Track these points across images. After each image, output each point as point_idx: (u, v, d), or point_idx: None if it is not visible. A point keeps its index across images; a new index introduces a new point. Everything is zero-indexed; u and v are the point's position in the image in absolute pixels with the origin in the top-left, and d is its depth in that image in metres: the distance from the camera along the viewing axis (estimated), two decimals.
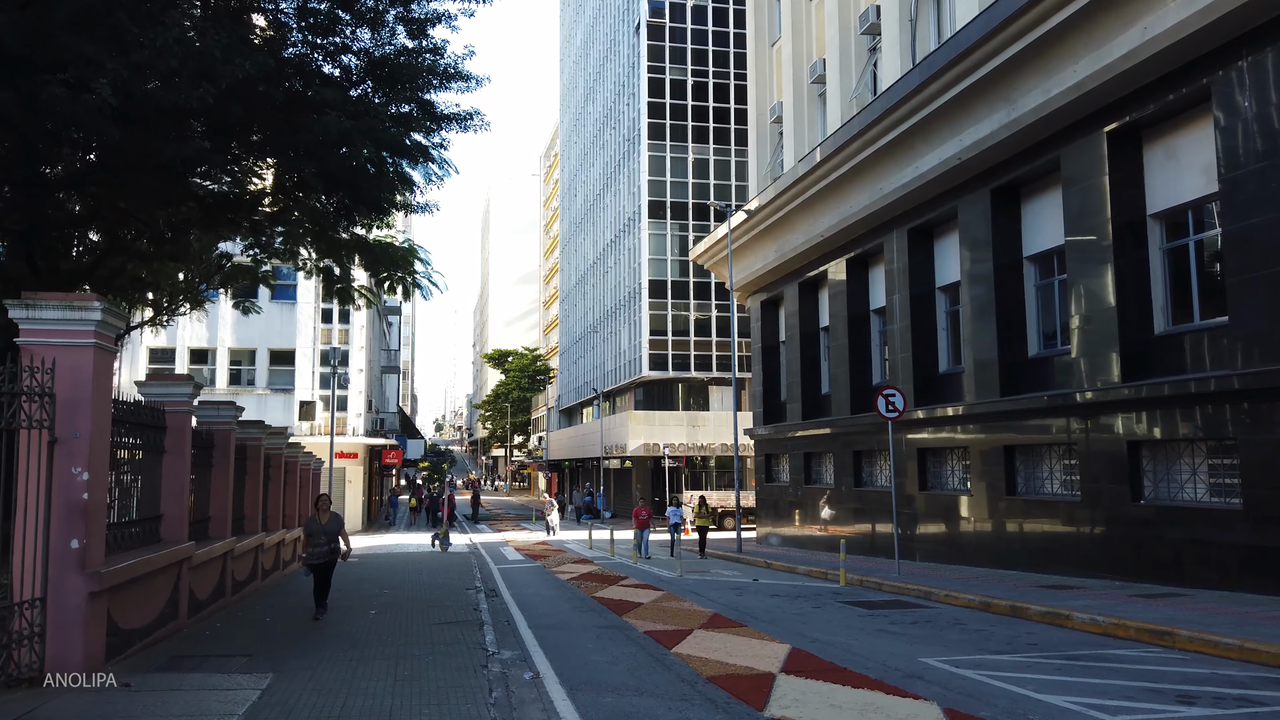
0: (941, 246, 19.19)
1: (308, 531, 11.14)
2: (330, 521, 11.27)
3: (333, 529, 11.23)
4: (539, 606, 13.25)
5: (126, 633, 8.45)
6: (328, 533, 11.16)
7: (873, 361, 22.04)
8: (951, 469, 18.38)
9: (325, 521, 11.21)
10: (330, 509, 11.54)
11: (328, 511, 11.40)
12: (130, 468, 9.58)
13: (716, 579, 17.20)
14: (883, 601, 13.14)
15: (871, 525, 20.82)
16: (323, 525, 11.15)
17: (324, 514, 11.35)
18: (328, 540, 11.15)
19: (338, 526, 11.33)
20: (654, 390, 45.98)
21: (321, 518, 11.26)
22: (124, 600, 8.33)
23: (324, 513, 11.37)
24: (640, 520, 21.80)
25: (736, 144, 44.87)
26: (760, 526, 27.32)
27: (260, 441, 16.71)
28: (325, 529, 11.15)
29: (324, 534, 11.12)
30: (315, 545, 11.08)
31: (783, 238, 24.38)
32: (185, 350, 33.96)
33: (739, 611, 12.21)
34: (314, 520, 11.22)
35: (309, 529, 11.14)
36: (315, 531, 11.10)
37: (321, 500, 11.73)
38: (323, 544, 11.11)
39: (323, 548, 11.11)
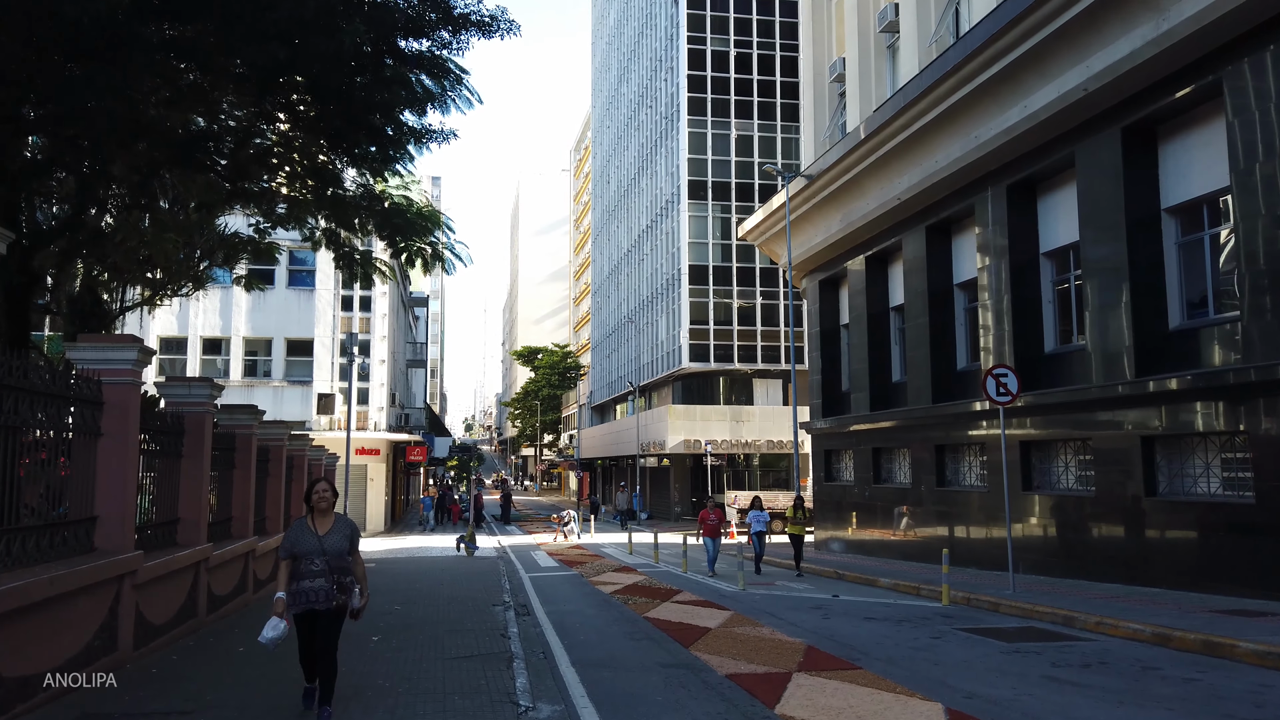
0: (1050, 204, 16.33)
1: (293, 549, 5.89)
2: (335, 532, 5.98)
3: (339, 546, 5.91)
4: (581, 631, 10.68)
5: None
6: (331, 553, 5.86)
7: (957, 343, 19.21)
8: (1065, 465, 15.51)
9: (325, 531, 5.96)
10: (334, 508, 6.18)
11: (330, 513, 6.10)
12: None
13: (787, 593, 14.53)
14: (1015, 630, 10.38)
15: (962, 530, 17.98)
16: (321, 537, 5.91)
17: (323, 517, 6.04)
18: (330, 567, 5.85)
19: (346, 542, 5.98)
20: (693, 384, 43.28)
21: (318, 524, 5.99)
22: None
23: (323, 515, 6.05)
24: (709, 526, 17.84)
25: (783, 119, 42.01)
26: (819, 530, 24.54)
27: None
28: (326, 545, 5.88)
29: (323, 555, 5.83)
30: (307, 576, 5.81)
31: (849, 205, 21.60)
32: (198, 339, 31.97)
33: (838, 643, 9.54)
34: (304, 528, 5.96)
35: (296, 543, 5.91)
36: (309, 549, 5.83)
37: (318, 491, 6.11)
38: (321, 573, 5.81)
39: (320, 581, 5.80)
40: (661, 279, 45.45)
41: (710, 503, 18.48)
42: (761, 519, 18.06)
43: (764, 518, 18.11)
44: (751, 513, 18.22)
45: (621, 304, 55.84)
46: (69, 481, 7.67)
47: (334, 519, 6.10)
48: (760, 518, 18.05)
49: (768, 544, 18.86)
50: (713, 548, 17.56)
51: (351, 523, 6.20)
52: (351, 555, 6.04)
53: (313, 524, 6.02)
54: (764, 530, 18.03)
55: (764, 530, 18.03)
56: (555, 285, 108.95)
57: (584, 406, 69.76)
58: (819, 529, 24.41)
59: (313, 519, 6.05)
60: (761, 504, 18.46)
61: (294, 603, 5.85)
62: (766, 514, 18.40)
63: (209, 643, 9.22)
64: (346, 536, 6.03)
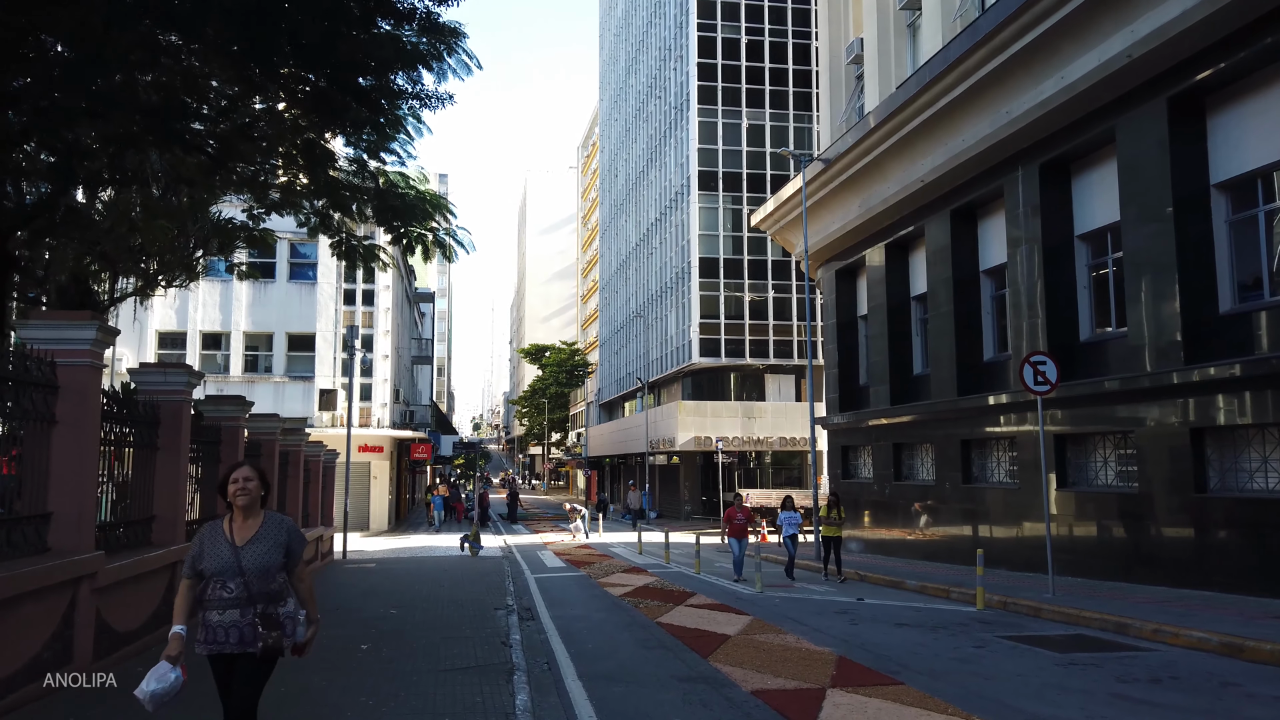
0: (1085, 184, 15.40)
1: (197, 564, 4.08)
2: (261, 540, 4.12)
3: (265, 561, 4.07)
4: (589, 637, 9.84)
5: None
6: (253, 571, 4.04)
7: (984, 333, 18.27)
8: (1104, 461, 14.58)
9: (247, 539, 4.10)
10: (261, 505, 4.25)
11: (257, 513, 4.21)
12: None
13: (808, 596, 13.65)
14: (1064, 639, 9.49)
15: (990, 529, 17.06)
16: (239, 548, 4.06)
17: (246, 519, 4.17)
18: (252, 593, 4.03)
19: (278, 555, 4.13)
20: (703, 380, 42.37)
21: (238, 528, 4.15)
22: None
23: (246, 516, 4.17)
24: (735, 526, 16.16)
25: (796, 108, 41.05)
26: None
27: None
28: (246, 560, 4.04)
29: (240, 575, 4.02)
30: (217, 605, 4.02)
31: (868, 189, 20.69)
32: (197, 334, 31.26)
33: (872, 653, 8.67)
34: (215, 534, 4.12)
35: (201, 557, 4.09)
36: (220, 567, 4.03)
37: (236, 481, 4.15)
38: (236, 601, 4.00)
39: (235, 614, 4.00)
40: (671, 272, 44.56)
41: (737, 500, 17.00)
42: (794, 520, 16.51)
43: (796, 519, 16.56)
44: (783, 514, 16.68)
45: (630, 299, 54.99)
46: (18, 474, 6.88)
47: (262, 521, 4.15)
48: (792, 519, 16.50)
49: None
50: (739, 550, 16.07)
51: (289, 525, 4.24)
52: (290, 571, 4.20)
53: (229, 529, 4.11)
54: (796, 532, 16.49)
55: (796, 532, 16.49)
56: (563, 283, 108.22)
57: (592, 404, 68.94)
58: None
59: (230, 521, 4.15)
60: (794, 504, 16.93)
61: (200, 643, 4.01)
62: (799, 514, 16.77)
63: None
64: (279, 546, 4.10)
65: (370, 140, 13.11)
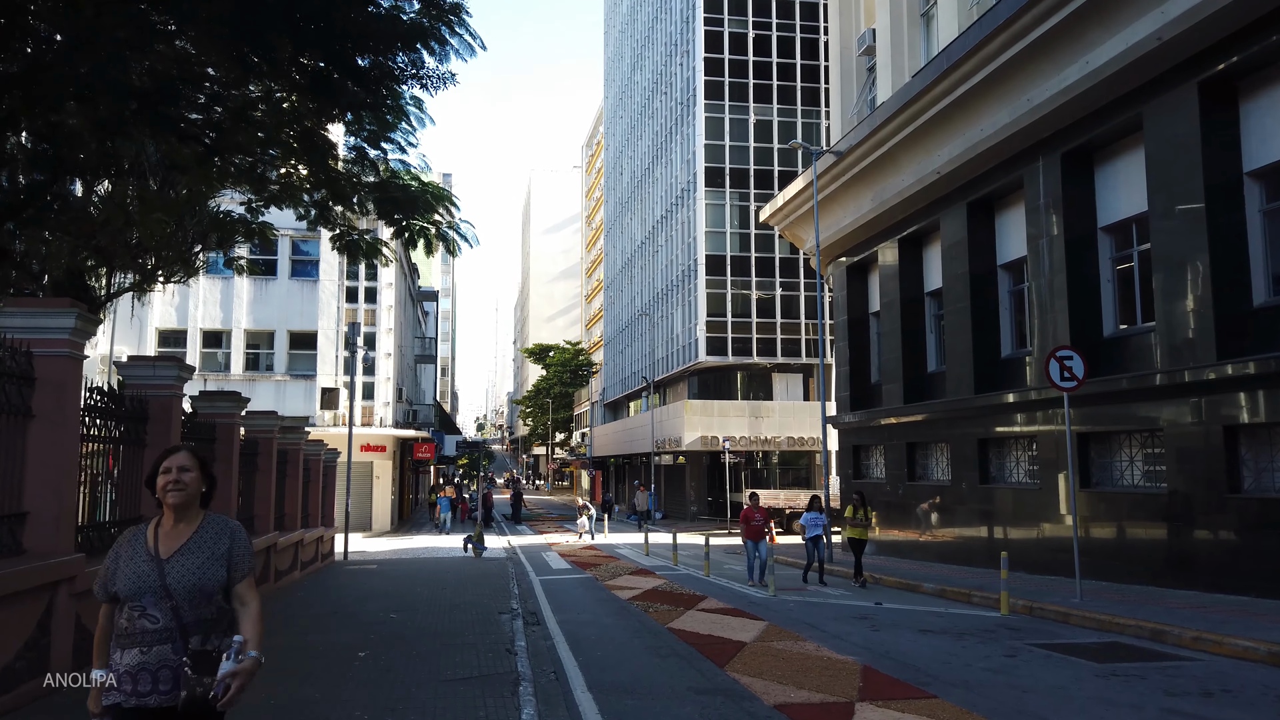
0: (1109, 174, 14.89)
1: (110, 584, 2.98)
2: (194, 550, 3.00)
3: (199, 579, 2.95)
4: (599, 645, 9.37)
5: None
6: (182, 592, 2.92)
7: (1001, 329, 17.77)
8: (1129, 460, 14.08)
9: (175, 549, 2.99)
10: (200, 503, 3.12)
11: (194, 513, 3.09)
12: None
13: (824, 600, 13.17)
14: (1099, 647, 9.00)
15: (1008, 531, 16.55)
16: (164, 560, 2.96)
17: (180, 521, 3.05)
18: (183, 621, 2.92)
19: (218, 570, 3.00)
20: (710, 379, 41.87)
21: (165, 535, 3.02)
22: None
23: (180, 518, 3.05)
24: (752, 527, 15.28)
25: (804, 103, 40.52)
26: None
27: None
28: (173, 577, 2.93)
29: (167, 596, 2.91)
30: (136, 640, 2.90)
31: (882, 182, 20.19)
32: (197, 332, 30.87)
33: (898, 662, 8.19)
34: (135, 543, 3.02)
35: (115, 575, 2.98)
36: (137, 587, 2.92)
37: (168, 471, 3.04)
38: (160, 634, 2.90)
39: (158, 651, 2.88)
40: (677, 270, 44.07)
41: (754, 500, 15.98)
42: (818, 521, 15.58)
43: (821, 520, 15.63)
44: (807, 514, 15.76)
45: (635, 298, 54.51)
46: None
47: (199, 526, 3.05)
48: (817, 520, 15.58)
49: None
50: (755, 554, 15.12)
51: (233, 530, 3.11)
52: (235, 590, 3.05)
53: (154, 537, 3.00)
54: (821, 534, 15.54)
55: (821, 534, 15.54)
56: (567, 283, 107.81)
57: (596, 404, 68.52)
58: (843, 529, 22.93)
59: (157, 527, 3.03)
60: (820, 504, 15.95)
61: (112, 692, 2.89)
62: (824, 516, 15.83)
63: None
64: (218, 558, 2.99)
65: (371, 130, 12.68)
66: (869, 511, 15.30)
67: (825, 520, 15.66)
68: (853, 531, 15.17)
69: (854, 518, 15.11)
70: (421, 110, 12.38)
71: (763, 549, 15.16)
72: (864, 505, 15.32)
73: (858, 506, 15.24)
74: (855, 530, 15.14)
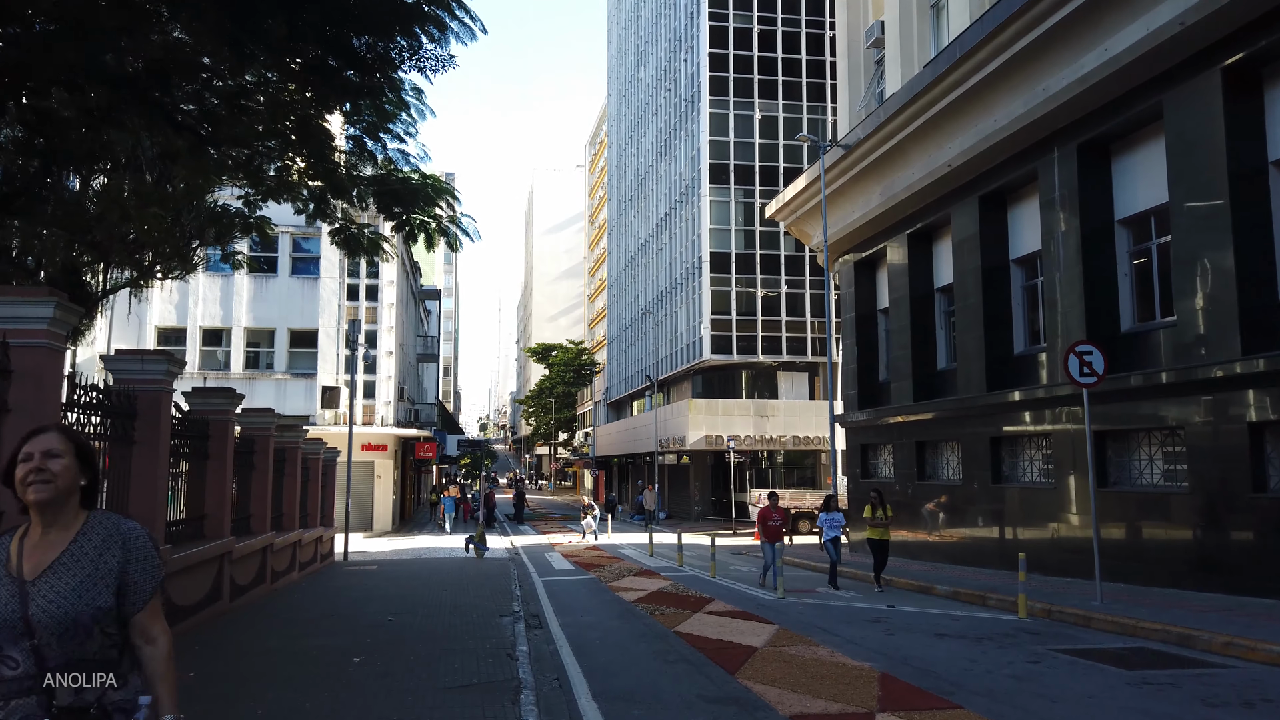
0: (1127, 165, 14.51)
1: None
2: (69, 566, 2.18)
3: (75, 604, 2.14)
4: (603, 649, 9.02)
5: None
6: (48, 626, 2.11)
7: (1014, 325, 17.39)
8: (1148, 458, 13.70)
9: (44, 565, 2.18)
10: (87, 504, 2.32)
11: (72, 515, 2.27)
12: None
13: (833, 603, 12.80)
14: (1125, 653, 8.63)
15: (1021, 531, 16.18)
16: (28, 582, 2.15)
17: (50, 526, 2.23)
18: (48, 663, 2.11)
19: (101, 593, 2.18)
20: (714, 378, 41.50)
21: (31, 548, 2.21)
22: None
23: (51, 523, 2.23)
24: (770, 528, 14.55)
25: (809, 99, 40.13)
26: (854, 531, 22.74)
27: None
28: (38, 606, 2.12)
29: (28, 635, 2.10)
30: None
31: (891, 176, 19.82)
32: (197, 330, 30.58)
33: (916, 669, 7.83)
34: None
35: None
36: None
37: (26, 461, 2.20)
38: (23, 679, 2.10)
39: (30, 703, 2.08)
40: (681, 268, 43.70)
41: (772, 499, 15.12)
42: (836, 522, 14.80)
43: (839, 520, 14.88)
44: (824, 515, 14.99)
45: (639, 296, 54.15)
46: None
47: (79, 531, 2.27)
48: (835, 520, 14.80)
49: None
50: (773, 555, 14.23)
51: (130, 535, 2.30)
52: (134, 622, 2.28)
53: (16, 552, 2.22)
54: (839, 535, 14.79)
55: (839, 535, 14.79)
56: (570, 282, 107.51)
57: (599, 403, 68.18)
58: (854, 529, 22.60)
59: (22, 537, 2.25)
60: (835, 504, 15.20)
61: None
62: (841, 516, 15.06)
63: None
64: (104, 578, 2.21)
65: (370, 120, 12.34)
66: (888, 510, 14.29)
67: (843, 520, 14.96)
68: (872, 532, 14.21)
69: (873, 517, 14.17)
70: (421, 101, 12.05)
71: (779, 550, 14.50)
72: (882, 504, 14.29)
73: (876, 505, 14.22)
74: (875, 531, 14.17)
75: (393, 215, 14.36)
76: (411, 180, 14.34)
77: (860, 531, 14.87)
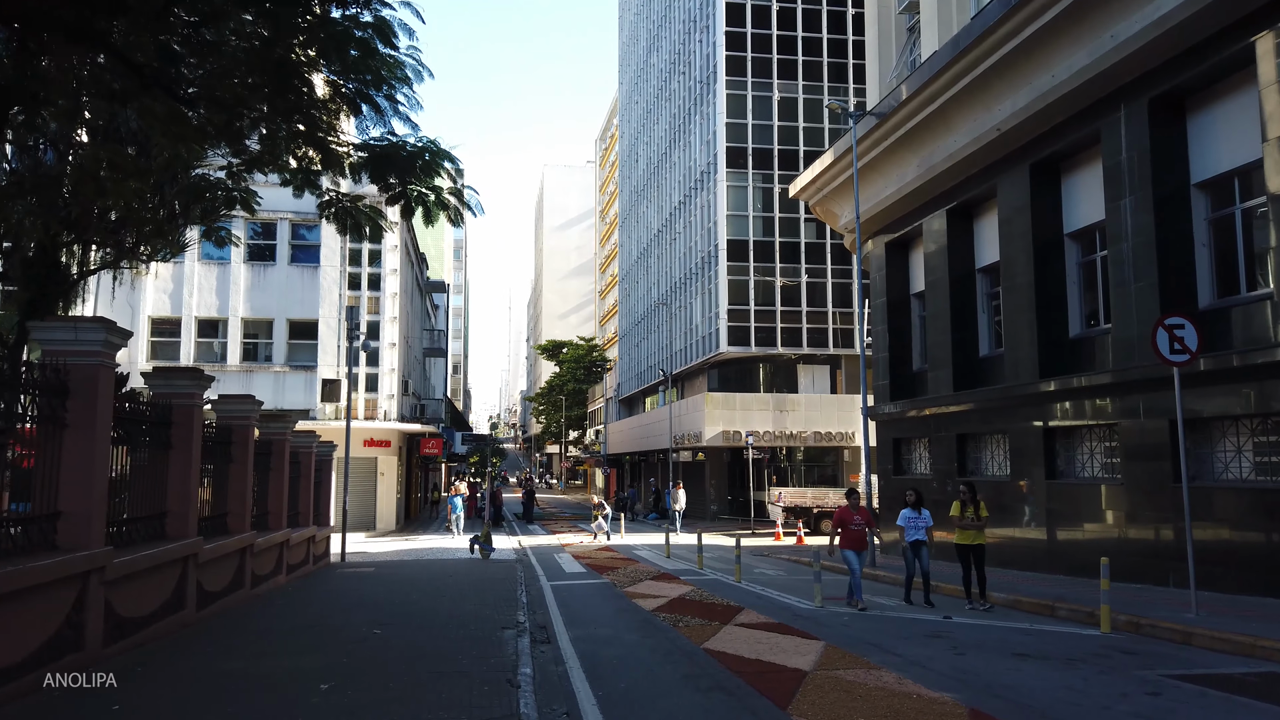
0: (1204, 123, 12.93)
1: None
2: None
3: None
4: (622, 672, 7.56)
5: None
6: None
7: (1069, 305, 15.83)
8: (1237, 450, 12.12)
9: None
10: None
11: None
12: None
13: (881, 613, 11.28)
14: (1254, 679, 7.11)
15: (1080, 531, 14.61)
16: None
17: None
18: None
19: None
20: (731, 371, 39.95)
21: None
22: None
23: None
24: (850, 533, 11.68)
25: (831, 80, 38.45)
26: (885, 531, 21.17)
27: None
28: None
29: None
30: None
31: (929, 145, 18.27)
32: (192, 320, 29.30)
33: (1013, 703, 6.33)
34: None
35: None
36: None
37: None
38: None
39: None
40: (696, 257, 42.14)
41: (853, 498, 12.10)
42: (920, 523, 11.87)
43: (927, 520, 11.90)
44: (905, 513, 11.97)
45: (651, 288, 52.63)
46: None
47: None
48: (918, 521, 11.86)
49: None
50: (858, 565, 11.63)
51: None
52: None
53: None
54: (924, 539, 11.86)
55: (924, 539, 11.86)
56: (580, 279, 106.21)
57: (610, 400, 66.78)
58: (885, 529, 21.04)
59: None
60: (921, 501, 12.10)
61: None
62: (929, 515, 12.01)
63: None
64: None
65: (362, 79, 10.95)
66: (982, 509, 11.55)
67: (930, 520, 11.96)
68: (962, 536, 11.58)
69: (962, 517, 11.49)
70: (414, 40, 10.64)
71: (864, 560, 11.93)
72: (974, 501, 11.55)
73: (967, 502, 11.51)
74: (966, 534, 11.54)
75: (388, 186, 12.96)
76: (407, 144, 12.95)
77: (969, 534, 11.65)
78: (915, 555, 11.90)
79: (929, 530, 11.89)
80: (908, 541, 11.91)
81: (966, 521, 11.50)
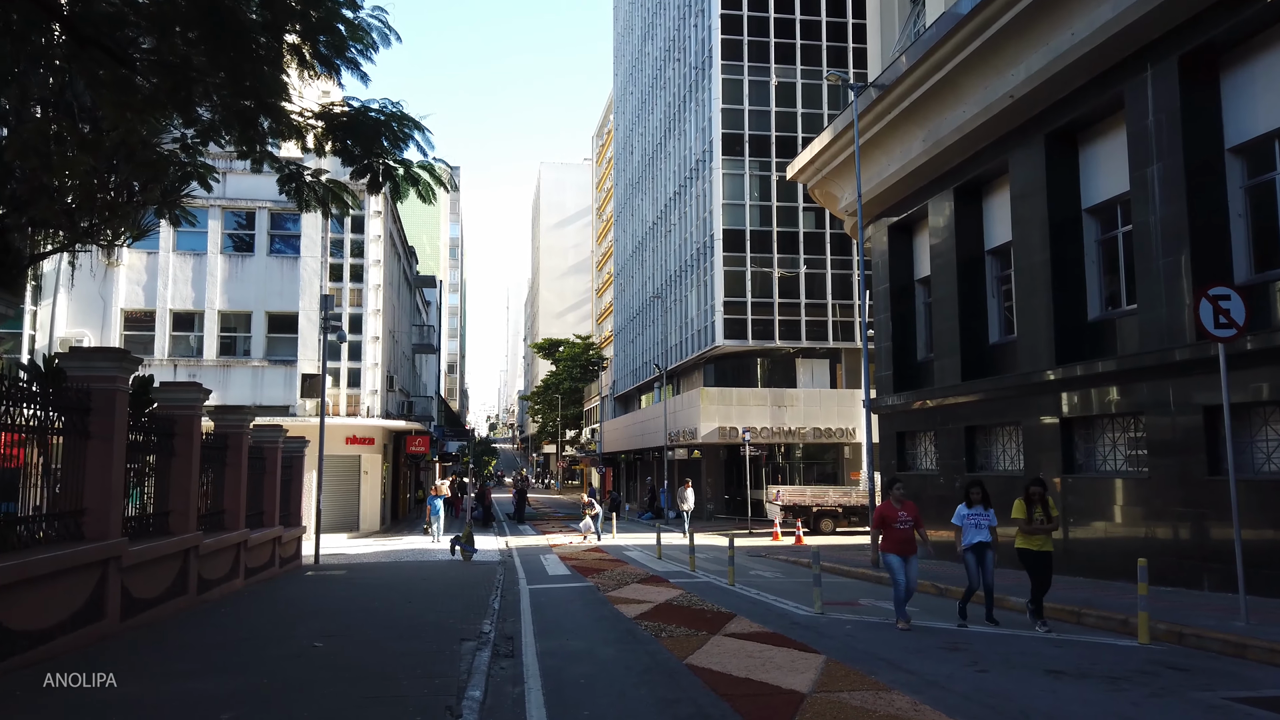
0: (1240, 80, 11.82)
1: None
2: None
3: None
4: (589, 697, 6.43)
5: None
6: None
7: (1087, 286, 14.71)
8: (1278, 439, 10.98)
9: None
10: None
11: None
12: None
13: (884, 620, 10.14)
14: None
15: (1103, 529, 13.48)
16: None
17: None
18: None
19: None
20: (728, 366, 38.80)
21: None
22: None
23: None
24: (896, 534, 9.56)
25: (830, 63, 37.29)
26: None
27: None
28: None
29: None
30: None
31: (937, 117, 17.14)
32: (167, 313, 28.15)
33: None
34: None
35: None
36: None
37: None
38: None
39: None
40: (692, 249, 40.99)
41: (894, 490, 9.95)
42: (985, 521, 9.75)
43: (990, 519, 9.78)
44: (965, 510, 9.83)
45: (647, 282, 51.48)
46: None
47: None
48: (982, 520, 9.75)
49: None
50: (904, 575, 9.54)
51: None
52: None
53: None
54: (989, 540, 9.70)
55: (989, 540, 9.70)
56: (577, 278, 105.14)
57: (606, 397, 65.68)
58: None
59: None
60: (987, 497, 9.92)
61: None
62: (993, 514, 9.84)
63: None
64: None
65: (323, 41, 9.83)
66: (1052, 510, 9.56)
67: (994, 518, 9.82)
68: (1027, 541, 9.49)
69: (1029, 520, 9.46)
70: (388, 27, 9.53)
71: (914, 568, 9.66)
72: (1044, 501, 9.49)
73: (1035, 502, 9.48)
74: (1033, 540, 9.46)
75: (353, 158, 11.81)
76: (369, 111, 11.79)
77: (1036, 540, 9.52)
78: (979, 562, 9.73)
79: (992, 530, 9.70)
80: (966, 544, 9.75)
81: (1034, 525, 9.44)
